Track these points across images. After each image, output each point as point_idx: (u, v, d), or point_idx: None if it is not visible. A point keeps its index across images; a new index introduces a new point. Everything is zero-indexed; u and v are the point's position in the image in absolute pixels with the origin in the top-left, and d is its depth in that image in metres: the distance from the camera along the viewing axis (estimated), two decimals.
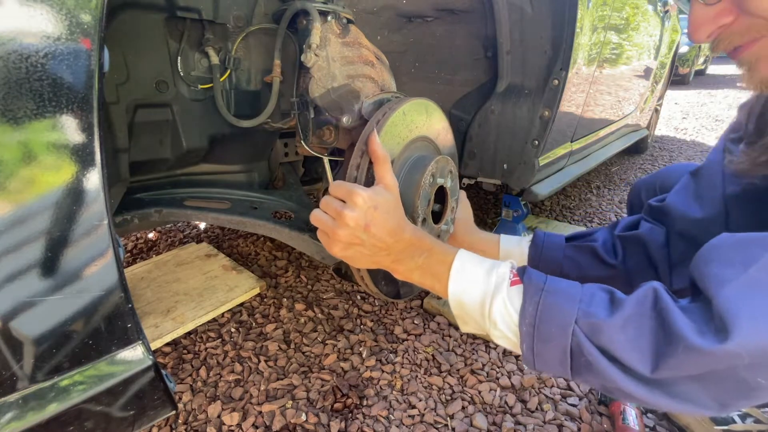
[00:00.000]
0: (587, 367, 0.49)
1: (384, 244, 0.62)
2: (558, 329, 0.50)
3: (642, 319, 0.47)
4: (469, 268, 0.60)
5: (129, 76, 0.77)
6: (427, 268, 0.63)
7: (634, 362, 0.46)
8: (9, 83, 0.39)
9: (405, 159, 0.79)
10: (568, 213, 2.27)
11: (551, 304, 0.52)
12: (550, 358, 0.52)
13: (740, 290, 0.42)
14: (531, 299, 0.53)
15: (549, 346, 0.51)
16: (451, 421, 0.99)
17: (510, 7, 1.16)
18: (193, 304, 1.30)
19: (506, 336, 0.56)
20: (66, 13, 0.41)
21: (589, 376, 0.50)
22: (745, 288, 0.42)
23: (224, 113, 0.87)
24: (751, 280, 0.43)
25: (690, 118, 5.07)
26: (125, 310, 0.51)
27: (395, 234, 0.62)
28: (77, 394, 0.49)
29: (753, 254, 0.44)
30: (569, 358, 0.50)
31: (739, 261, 0.44)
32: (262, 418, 1.00)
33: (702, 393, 0.45)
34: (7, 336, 0.43)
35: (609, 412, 1.01)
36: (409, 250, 0.63)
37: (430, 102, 0.85)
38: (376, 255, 0.63)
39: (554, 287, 0.53)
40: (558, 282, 0.55)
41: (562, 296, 0.52)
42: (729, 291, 0.43)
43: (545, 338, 0.51)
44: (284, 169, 1.23)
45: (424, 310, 1.39)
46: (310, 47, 0.79)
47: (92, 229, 0.47)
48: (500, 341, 0.58)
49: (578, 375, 0.51)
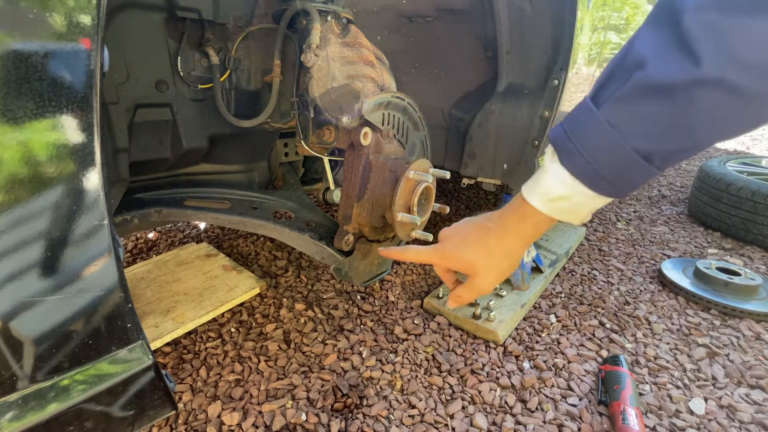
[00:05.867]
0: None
1: (493, 260, 0.64)
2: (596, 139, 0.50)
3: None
4: (535, 190, 0.59)
5: (129, 76, 0.77)
6: (524, 230, 0.62)
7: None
8: (9, 83, 0.39)
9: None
10: None
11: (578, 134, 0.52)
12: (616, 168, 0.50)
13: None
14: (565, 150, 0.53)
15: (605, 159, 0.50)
16: (451, 421, 0.99)
17: (510, 7, 1.16)
18: (193, 304, 1.30)
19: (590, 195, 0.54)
20: (66, 13, 0.41)
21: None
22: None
23: (224, 113, 0.87)
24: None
25: None
26: (125, 310, 0.51)
27: (487, 245, 0.64)
28: (77, 394, 0.49)
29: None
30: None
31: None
32: (262, 417, 1.00)
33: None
34: (7, 336, 0.43)
35: (609, 412, 1.01)
36: (505, 241, 0.64)
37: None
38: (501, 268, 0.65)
39: (570, 123, 0.53)
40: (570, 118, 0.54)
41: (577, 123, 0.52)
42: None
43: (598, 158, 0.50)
44: (284, 169, 1.23)
45: (424, 310, 1.39)
46: (310, 47, 0.79)
47: (92, 229, 0.47)
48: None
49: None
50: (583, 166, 0.51)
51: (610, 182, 0.51)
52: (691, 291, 1.47)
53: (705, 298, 1.43)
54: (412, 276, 1.58)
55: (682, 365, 1.18)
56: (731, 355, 1.21)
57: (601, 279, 1.61)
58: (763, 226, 1.82)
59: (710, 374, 1.15)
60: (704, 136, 0.46)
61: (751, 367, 1.17)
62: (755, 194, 1.82)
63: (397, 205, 0.90)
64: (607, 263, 1.73)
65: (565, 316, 1.37)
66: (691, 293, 1.47)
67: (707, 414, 1.02)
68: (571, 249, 1.80)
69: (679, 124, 0.45)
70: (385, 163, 0.90)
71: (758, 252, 1.83)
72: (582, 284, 1.58)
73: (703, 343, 1.26)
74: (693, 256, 1.80)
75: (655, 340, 1.28)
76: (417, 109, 0.97)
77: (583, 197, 0.54)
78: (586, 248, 1.87)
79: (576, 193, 0.53)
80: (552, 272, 1.61)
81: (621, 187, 0.52)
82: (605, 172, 0.50)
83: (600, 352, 1.22)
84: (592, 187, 0.52)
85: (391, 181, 0.92)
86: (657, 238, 1.98)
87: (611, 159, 0.50)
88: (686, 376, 1.14)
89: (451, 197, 2.43)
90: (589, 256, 1.79)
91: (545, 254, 1.70)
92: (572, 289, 1.54)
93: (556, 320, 1.36)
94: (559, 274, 1.64)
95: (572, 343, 1.25)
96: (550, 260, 1.66)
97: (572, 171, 0.52)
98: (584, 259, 1.77)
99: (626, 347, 1.25)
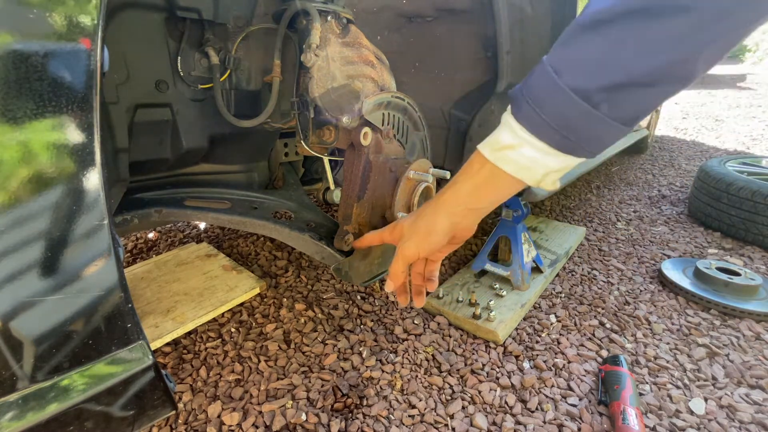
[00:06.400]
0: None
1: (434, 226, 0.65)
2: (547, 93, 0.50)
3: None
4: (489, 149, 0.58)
5: (129, 76, 0.77)
6: (473, 183, 0.61)
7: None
8: (9, 83, 0.39)
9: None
10: (568, 213, 2.27)
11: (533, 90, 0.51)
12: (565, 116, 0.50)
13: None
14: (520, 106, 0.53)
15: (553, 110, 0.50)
16: (451, 421, 0.99)
17: (510, 7, 1.16)
18: (193, 304, 1.30)
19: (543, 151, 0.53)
20: (66, 13, 0.41)
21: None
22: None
23: (224, 113, 0.87)
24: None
25: (690, 118, 5.07)
26: (125, 310, 0.51)
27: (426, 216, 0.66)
28: (77, 394, 0.49)
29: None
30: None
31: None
32: (262, 417, 1.00)
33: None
34: (7, 336, 0.43)
35: (609, 412, 1.01)
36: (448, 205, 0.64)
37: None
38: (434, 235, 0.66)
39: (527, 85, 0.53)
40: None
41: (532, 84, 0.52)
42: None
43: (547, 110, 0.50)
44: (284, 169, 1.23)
45: (424, 310, 1.39)
46: (310, 47, 0.79)
47: (92, 229, 0.47)
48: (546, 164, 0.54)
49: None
50: (528, 112, 0.51)
51: (555, 130, 0.50)
52: (691, 291, 1.47)
53: (705, 298, 1.43)
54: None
55: (682, 365, 1.18)
56: (731, 355, 1.21)
57: (601, 279, 1.61)
58: (763, 226, 1.82)
59: (710, 374, 1.15)
60: (634, 66, 0.45)
61: (751, 367, 1.17)
62: (755, 194, 1.82)
63: (397, 205, 0.90)
64: (607, 263, 1.73)
65: (565, 316, 1.37)
66: (691, 293, 1.47)
67: (707, 414, 1.02)
68: (571, 249, 1.80)
69: (609, 57, 0.46)
70: (385, 163, 0.90)
71: (758, 252, 1.83)
72: (582, 284, 1.58)
73: (703, 343, 1.26)
74: (693, 256, 1.80)
75: (655, 340, 1.28)
76: (417, 109, 0.97)
77: (532, 149, 0.53)
78: (586, 248, 1.87)
79: (523, 142, 0.53)
80: (552, 272, 1.61)
81: (570, 139, 0.50)
82: (548, 117, 0.50)
83: (600, 352, 1.22)
84: (536, 133, 0.52)
85: (391, 181, 0.92)
86: (657, 238, 1.98)
87: (552, 102, 0.49)
88: (686, 376, 1.14)
89: None
90: (589, 256, 1.79)
91: (545, 254, 1.71)
92: (572, 289, 1.54)
93: (556, 320, 1.36)
94: (559, 274, 1.64)
95: (572, 343, 1.25)
96: (550, 260, 1.66)
97: (518, 118, 0.53)
98: (584, 259, 1.77)
99: (626, 347, 1.25)
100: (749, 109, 5.43)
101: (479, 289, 1.45)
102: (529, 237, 1.54)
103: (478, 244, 1.85)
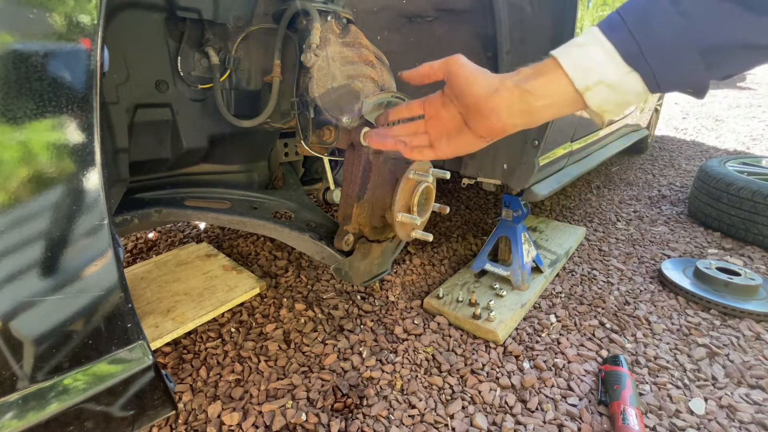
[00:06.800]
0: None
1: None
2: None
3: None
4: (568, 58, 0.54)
5: (129, 76, 0.77)
6: (535, 86, 0.57)
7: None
8: (9, 83, 0.39)
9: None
10: (568, 213, 2.27)
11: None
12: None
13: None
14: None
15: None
16: (451, 421, 0.99)
17: (510, 7, 1.16)
18: (193, 304, 1.30)
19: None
20: (66, 13, 0.41)
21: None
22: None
23: (224, 113, 0.87)
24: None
25: (690, 118, 5.07)
26: (125, 310, 0.51)
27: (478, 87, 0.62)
28: (77, 394, 0.49)
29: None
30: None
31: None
32: (262, 417, 1.00)
33: None
34: (7, 336, 0.43)
35: (609, 412, 1.01)
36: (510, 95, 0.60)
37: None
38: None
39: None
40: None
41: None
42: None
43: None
44: (284, 169, 1.23)
45: (424, 310, 1.39)
46: (310, 47, 0.79)
47: (92, 229, 0.47)
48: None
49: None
50: (612, 18, 0.50)
51: (629, 31, 0.48)
52: (691, 291, 1.47)
53: (705, 298, 1.43)
54: (412, 276, 1.58)
55: (682, 365, 1.18)
56: (731, 355, 1.21)
57: (601, 279, 1.61)
58: (763, 226, 1.82)
59: (710, 374, 1.15)
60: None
61: (751, 367, 1.17)
62: (755, 194, 1.82)
63: (397, 205, 0.90)
64: (607, 263, 1.73)
65: (565, 316, 1.37)
66: (691, 293, 1.47)
67: (707, 414, 1.02)
68: (571, 249, 1.80)
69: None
70: (385, 163, 0.90)
71: (758, 252, 1.83)
72: (582, 284, 1.58)
73: (703, 343, 1.26)
74: (693, 256, 1.80)
75: (655, 340, 1.28)
76: None
77: (598, 49, 0.51)
78: (586, 248, 1.87)
79: (593, 40, 0.51)
80: (552, 272, 1.61)
81: (638, 40, 0.48)
82: (627, 16, 0.49)
83: (600, 352, 1.22)
84: (607, 31, 0.50)
85: (391, 181, 0.92)
86: (657, 238, 1.98)
87: (645, 17, 0.48)
88: (686, 376, 1.14)
89: (451, 197, 2.43)
90: (589, 256, 1.79)
91: (545, 254, 1.71)
92: (572, 289, 1.54)
93: (556, 320, 1.36)
94: (559, 274, 1.64)
95: (572, 343, 1.25)
96: (550, 260, 1.66)
97: (599, 23, 0.51)
98: (584, 259, 1.77)
99: (626, 347, 1.25)
100: (749, 109, 5.43)
101: (479, 289, 1.45)
102: (529, 237, 1.54)
103: (478, 244, 1.85)
